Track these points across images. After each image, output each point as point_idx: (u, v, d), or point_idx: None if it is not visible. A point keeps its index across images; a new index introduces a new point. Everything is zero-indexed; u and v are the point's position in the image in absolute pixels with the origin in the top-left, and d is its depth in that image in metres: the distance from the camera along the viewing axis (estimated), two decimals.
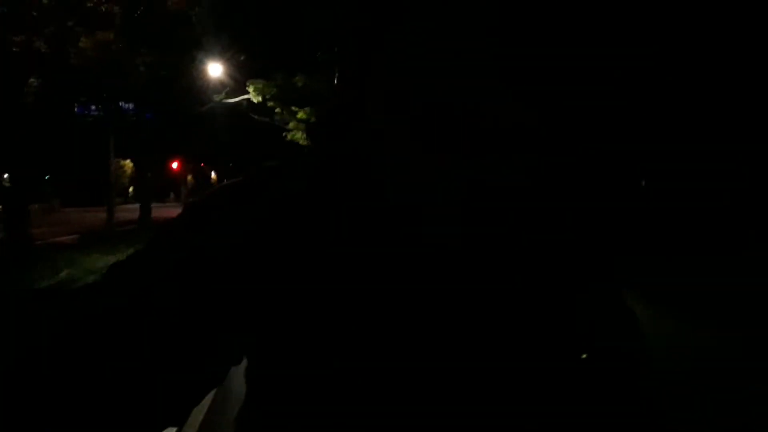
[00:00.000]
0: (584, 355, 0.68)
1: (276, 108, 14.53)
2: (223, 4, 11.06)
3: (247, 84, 14.69)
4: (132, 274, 0.62)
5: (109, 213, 14.95)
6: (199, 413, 3.57)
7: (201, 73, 14.02)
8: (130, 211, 30.86)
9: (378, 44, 0.61)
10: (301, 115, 13.28)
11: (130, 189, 56.16)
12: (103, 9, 8.96)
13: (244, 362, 0.69)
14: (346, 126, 0.70)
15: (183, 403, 0.62)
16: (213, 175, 60.32)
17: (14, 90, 9.50)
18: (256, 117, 15.83)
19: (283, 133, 14.64)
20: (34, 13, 7.89)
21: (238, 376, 0.70)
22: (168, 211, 29.07)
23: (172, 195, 58.69)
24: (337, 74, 0.69)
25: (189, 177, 59.88)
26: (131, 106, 15.98)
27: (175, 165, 45.18)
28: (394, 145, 0.61)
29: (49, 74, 9.80)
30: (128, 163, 50.95)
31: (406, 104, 0.59)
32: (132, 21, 9.87)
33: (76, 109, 15.24)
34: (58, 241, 15.05)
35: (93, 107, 16.39)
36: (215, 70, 13.92)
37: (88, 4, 8.63)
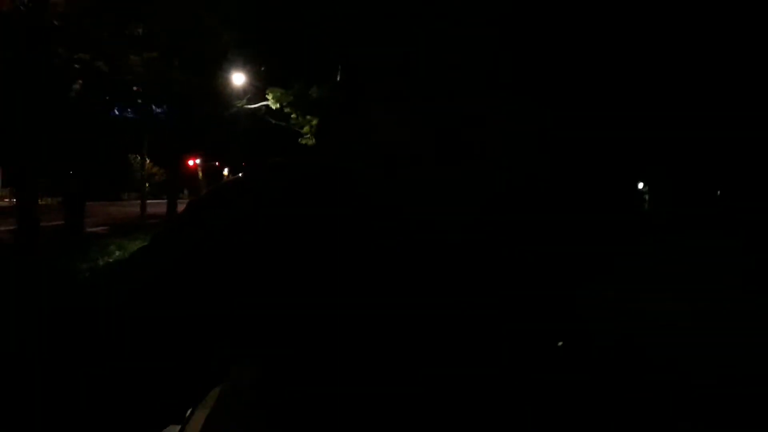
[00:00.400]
0: (560, 343, 0.65)
1: (292, 114, 16.17)
2: (249, 25, 12.65)
3: (267, 91, 16.35)
4: (136, 268, 0.61)
5: (143, 206, 16.68)
6: (202, 413, 3.62)
7: (226, 81, 15.68)
8: (150, 205, 32.50)
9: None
10: (315, 122, 14.88)
11: (147, 185, 58.10)
12: (152, 32, 10.63)
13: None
14: (340, 133, 0.67)
15: (182, 400, 0.60)
16: (225, 172, 62.01)
17: (67, 100, 11.22)
18: (273, 121, 17.47)
19: (299, 139, 16.28)
20: (101, 38, 9.55)
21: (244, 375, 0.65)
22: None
23: (185, 191, 60.39)
24: (338, 78, 0.67)
25: (200, 174, 61.63)
26: (161, 109, 17.70)
27: (191, 163, 46.74)
28: (405, 157, 0.59)
29: (100, 86, 11.50)
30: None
31: (416, 115, 0.57)
32: (173, 42, 11.54)
33: (113, 113, 16.92)
34: (98, 231, 16.86)
35: (128, 110, 18.10)
36: (238, 78, 15.61)
37: (140, 30, 10.31)
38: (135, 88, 13.33)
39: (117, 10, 9.10)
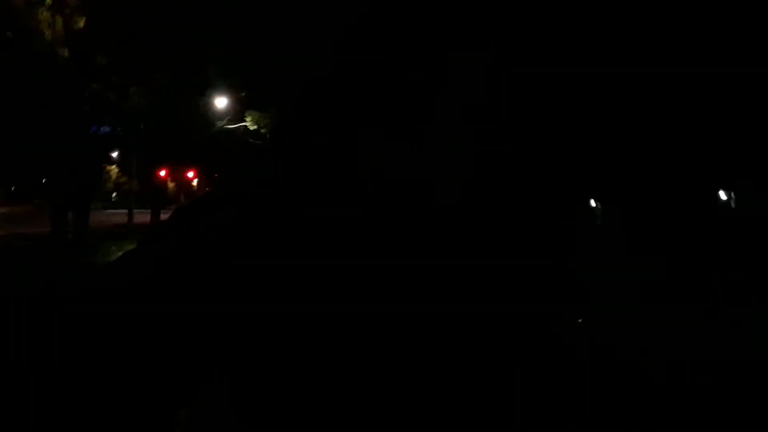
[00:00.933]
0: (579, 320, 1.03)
1: (268, 134, 18.20)
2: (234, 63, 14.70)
3: (246, 114, 18.33)
4: (125, 269, 0.90)
5: (130, 215, 18.57)
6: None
7: (209, 105, 17.67)
8: (120, 215, 33.40)
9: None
10: None
11: (113, 194, 58.70)
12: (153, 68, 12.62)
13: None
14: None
15: (172, 401, 0.73)
16: (194, 183, 63.00)
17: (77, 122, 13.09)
18: (251, 140, 19.43)
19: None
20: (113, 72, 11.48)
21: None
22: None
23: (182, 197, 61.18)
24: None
25: (171, 185, 62.44)
26: (143, 126, 19.38)
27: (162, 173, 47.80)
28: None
29: (108, 111, 13.40)
30: (114, 169, 53.55)
31: None
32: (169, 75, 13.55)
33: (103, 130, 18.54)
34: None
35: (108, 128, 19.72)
36: (221, 102, 17.61)
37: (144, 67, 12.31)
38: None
39: (132, 53, 11.05)
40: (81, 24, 10.10)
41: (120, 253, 13.00)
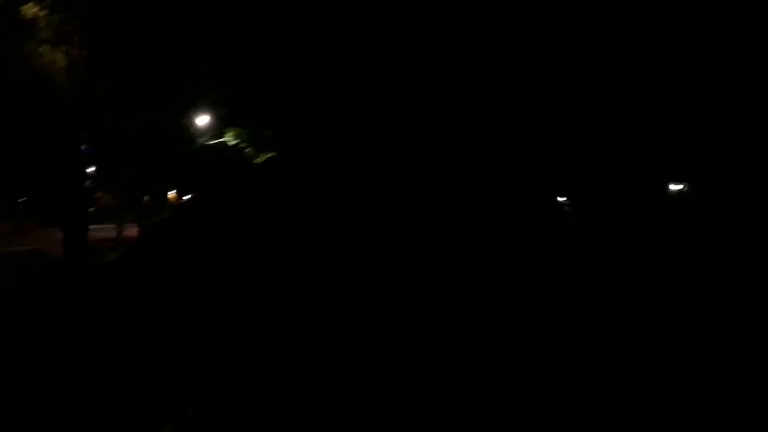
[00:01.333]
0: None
1: (246, 148, 19.51)
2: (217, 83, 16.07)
3: (225, 131, 19.62)
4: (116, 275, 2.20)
5: (119, 230, 19.72)
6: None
7: (191, 123, 18.96)
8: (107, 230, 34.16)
9: None
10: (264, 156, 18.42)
11: (91, 209, 59.04)
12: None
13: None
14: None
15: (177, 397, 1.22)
16: (169, 195, 63.40)
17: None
18: (230, 156, 20.71)
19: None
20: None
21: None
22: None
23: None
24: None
25: (145, 198, 62.81)
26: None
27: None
28: None
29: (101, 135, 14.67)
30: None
31: None
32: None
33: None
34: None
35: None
36: (202, 120, 18.91)
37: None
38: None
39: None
40: (80, 60, 11.37)
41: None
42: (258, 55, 13.51)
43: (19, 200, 45.41)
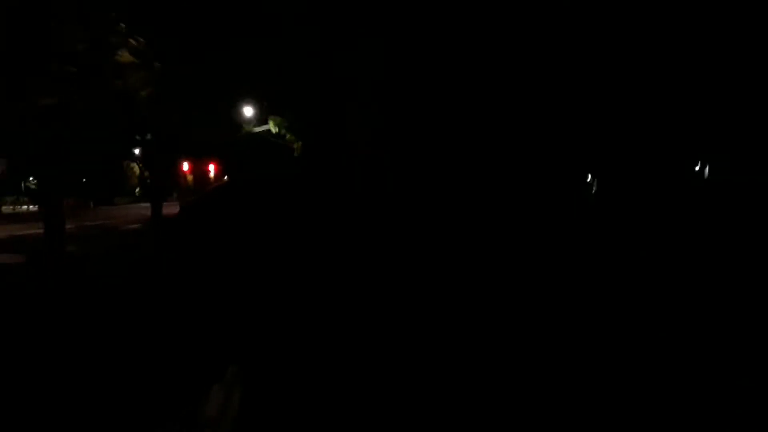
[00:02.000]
0: None
1: (287, 135, 21.26)
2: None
3: (269, 119, 21.38)
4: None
5: (160, 208, 21.76)
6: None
7: (238, 112, 20.79)
8: (145, 208, 36.59)
9: None
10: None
11: (137, 189, 62.04)
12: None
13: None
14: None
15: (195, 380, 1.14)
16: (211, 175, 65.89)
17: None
18: (272, 139, 22.48)
19: (294, 154, 21.47)
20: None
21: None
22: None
23: (174, 194, 64.29)
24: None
25: (189, 177, 65.58)
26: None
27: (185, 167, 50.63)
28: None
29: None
30: (135, 167, 56.78)
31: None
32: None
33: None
34: (135, 228, 21.78)
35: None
36: (248, 111, 20.71)
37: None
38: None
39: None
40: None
41: None
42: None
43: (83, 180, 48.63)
